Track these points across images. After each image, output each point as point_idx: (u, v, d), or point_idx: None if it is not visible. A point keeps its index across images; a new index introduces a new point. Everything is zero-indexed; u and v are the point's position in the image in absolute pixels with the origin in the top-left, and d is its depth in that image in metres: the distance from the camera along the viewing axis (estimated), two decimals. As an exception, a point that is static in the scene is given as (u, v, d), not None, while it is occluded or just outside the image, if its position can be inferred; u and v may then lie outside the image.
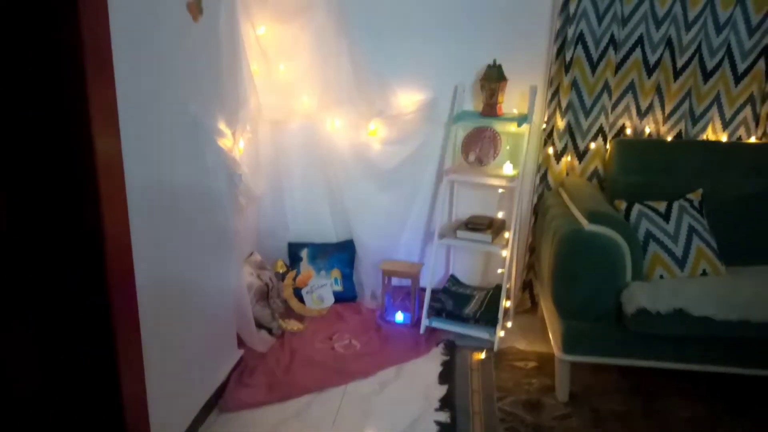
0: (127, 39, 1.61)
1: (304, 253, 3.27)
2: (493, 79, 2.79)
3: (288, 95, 3.03)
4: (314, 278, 3.20)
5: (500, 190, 3.02)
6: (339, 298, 3.21)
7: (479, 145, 2.88)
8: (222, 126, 2.26)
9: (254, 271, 2.95)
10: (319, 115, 3.09)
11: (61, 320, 1.67)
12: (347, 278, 3.26)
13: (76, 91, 1.49)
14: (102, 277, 1.59)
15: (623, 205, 2.55)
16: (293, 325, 2.93)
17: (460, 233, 2.86)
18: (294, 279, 3.17)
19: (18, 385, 1.74)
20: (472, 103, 3.02)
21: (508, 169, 2.84)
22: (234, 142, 2.37)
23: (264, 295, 2.90)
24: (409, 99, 3.02)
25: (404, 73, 3.01)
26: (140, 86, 1.70)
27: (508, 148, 2.93)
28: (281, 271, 3.23)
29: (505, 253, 2.79)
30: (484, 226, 2.85)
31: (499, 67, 2.81)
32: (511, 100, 2.92)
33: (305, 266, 3.25)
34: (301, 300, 3.14)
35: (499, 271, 2.94)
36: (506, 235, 2.84)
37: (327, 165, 3.19)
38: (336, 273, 3.24)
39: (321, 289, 3.18)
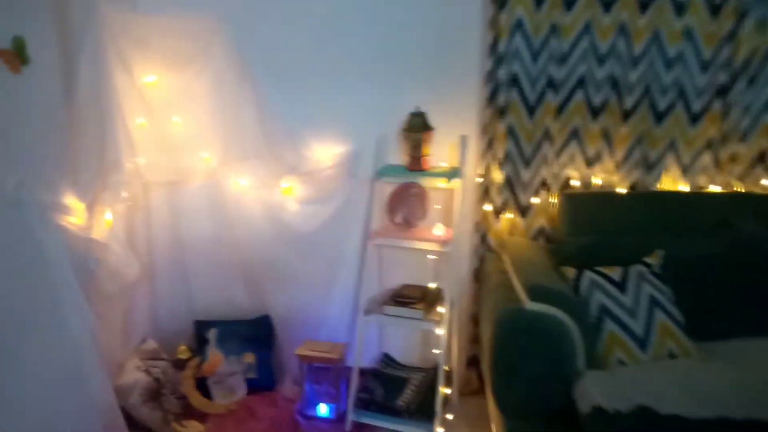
0: None
1: (211, 334, 2.78)
2: (417, 128, 2.41)
3: (185, 152, 2.60)
4: (223, 364, 2.70)
5: (430, 256, 2.60)
6: (254, 386, 2.71)
7: (406, 204, 2.48)
8: (70, 200, 1.81)
9: (142, 364, 2.45)
10: (222, 173, 2.66)
11: None
12: (264, 362, 2.77)
13: None
14: None
15: (572, 272, 2.16)
16: (191, 429, 2.42)
17: (387, 309, 2.42)
18: (198, 367, 2.67)
19: None
20: (398, 155, 2.62)
21: (439, 231, 2.43)
22: (90, 218, 1.91)
23: (154, 394, 2.39)
24: (326, 153, 2.62)
25: (319, 124, 2.62)
26: None
27: (438, 206, 2.52)
28: (184, 358, 2.73)
29: (441, 331, 2.35)
30: (415, 299, 2.42)
31: (423, 115, 2.44)
32: (441, 152, 2.53)
33: (213, 349, 2.75)
34: (207, 393, 2.63)
35: (436, 351, 2.50)
36: (440, 309, 2.41)
37: (236, 229, 2.75)
38: (249, 357, 2.75)
39: (231, 378, 2.68)
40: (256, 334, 2.80)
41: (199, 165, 2.65)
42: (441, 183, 2.45)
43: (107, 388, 1.97)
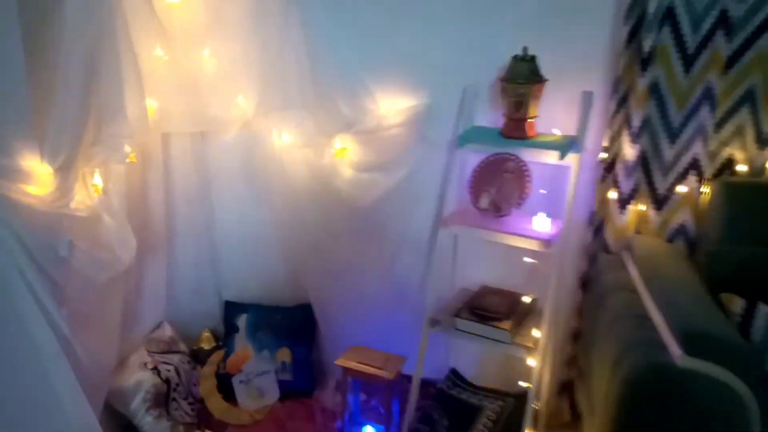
0: None
1: (241, 321, 2.29)
2: (522, 79, 1.72)
3: (215, 95, 2.05)
4: (252, 360, 2.21)
5: (526, 259, 1.94)
6: (287, 389, 2.22)
7: (497, 184, 1.83)
8: (31, 162, 1.28)
9: (151, 359, 1.98)
10: (260, 125, 2.10)
11: None
12: (301, 361, 2.26)
13: None
14: None
15: (739, 304, 1.48)
16: (206, 443, 1.96)
17: (461, 323, 1.82)
18: (222, 362, 2.20)
19: None
20: (491, 115, 1.96)
21: (541, 224, 1.78)
22: (64, 185, 1.38)
23: (162, 398, 1.93)
24: (393, 106, 1.99)
25: (386, 68, 1.98)
26: None
27: (542, 191, 1.85)
28: (207, 348, 2.26)
29: (533, 362, 1.74)
30: (500, 314, 1.80)
31: (532, 59, 1.74)
32: (552, 114, 1.84)
33: (242, 340, 2.27)
34: (230, 394, 2.15)
35: (524, 384, 1.89)
36: (535, 332, 1.78)
37: (276, 195, 2.20)
38: (284, 354, 2.25)
39: (261, 378, 2.19)
40: (294, 326, 2.29)
41: (232, 112, 2.09)
42: (550, 158, 1.77)
43: (86, 410, 1.49)
